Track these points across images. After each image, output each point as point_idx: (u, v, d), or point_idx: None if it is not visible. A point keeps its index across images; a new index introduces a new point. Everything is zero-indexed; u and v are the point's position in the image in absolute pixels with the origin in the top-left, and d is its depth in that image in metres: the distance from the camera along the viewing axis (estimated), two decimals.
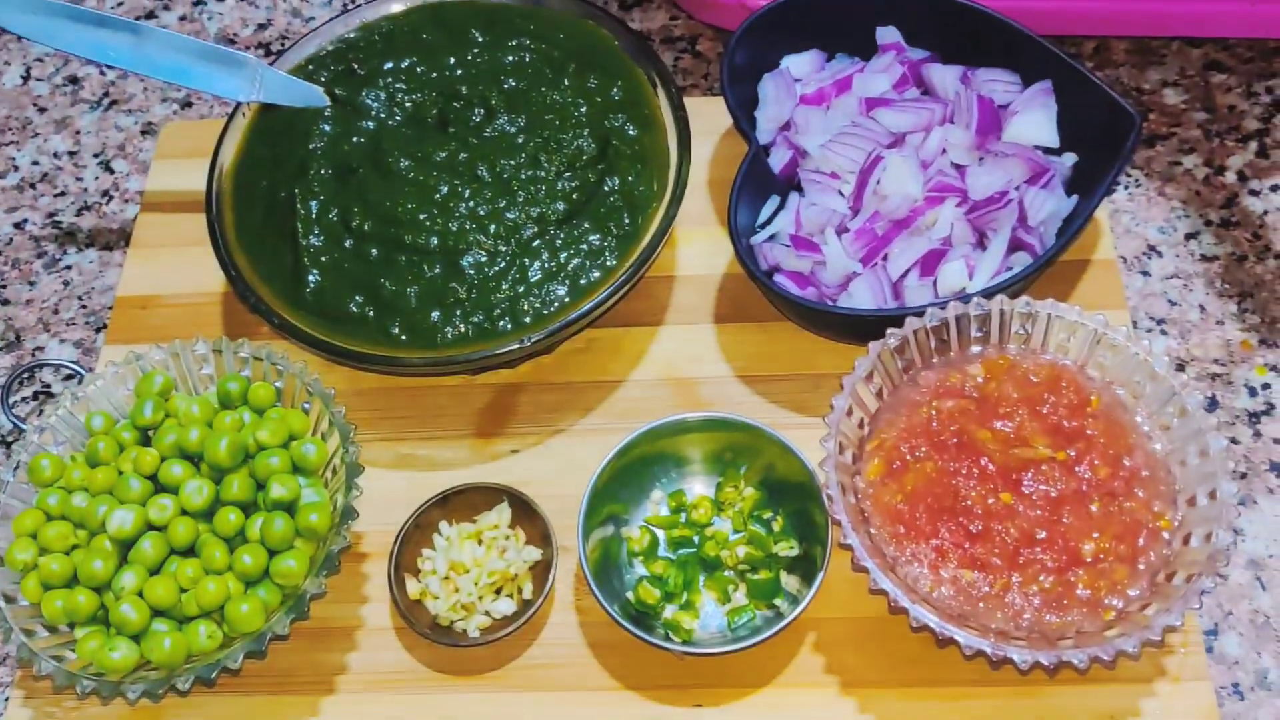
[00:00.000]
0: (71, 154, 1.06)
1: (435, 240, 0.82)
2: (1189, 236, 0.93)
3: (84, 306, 0.98)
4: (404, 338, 0.81)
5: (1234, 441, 0.84)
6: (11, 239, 1.02)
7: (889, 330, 0.76)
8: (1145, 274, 0.92)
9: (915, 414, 0.74)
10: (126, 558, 0.72)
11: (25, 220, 1.03)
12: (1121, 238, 0.93)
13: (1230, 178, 0.95)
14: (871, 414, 0.76)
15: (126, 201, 1.03)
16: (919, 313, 0.76)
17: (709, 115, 0.95)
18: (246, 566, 0.71)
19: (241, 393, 0.78)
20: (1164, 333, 0.89)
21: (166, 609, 0.71)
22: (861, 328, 0.80)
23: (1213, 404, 0.86)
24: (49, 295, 0.99)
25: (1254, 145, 0.97)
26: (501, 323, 0.80)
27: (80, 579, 0.71)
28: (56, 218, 1.03)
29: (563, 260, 0.82)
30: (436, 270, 0.82)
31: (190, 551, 0.73)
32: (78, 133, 1.07)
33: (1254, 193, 0.95)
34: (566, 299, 0.81)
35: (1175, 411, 0.74)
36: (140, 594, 0.71)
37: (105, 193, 1.04)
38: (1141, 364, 0.75)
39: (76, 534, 0.74)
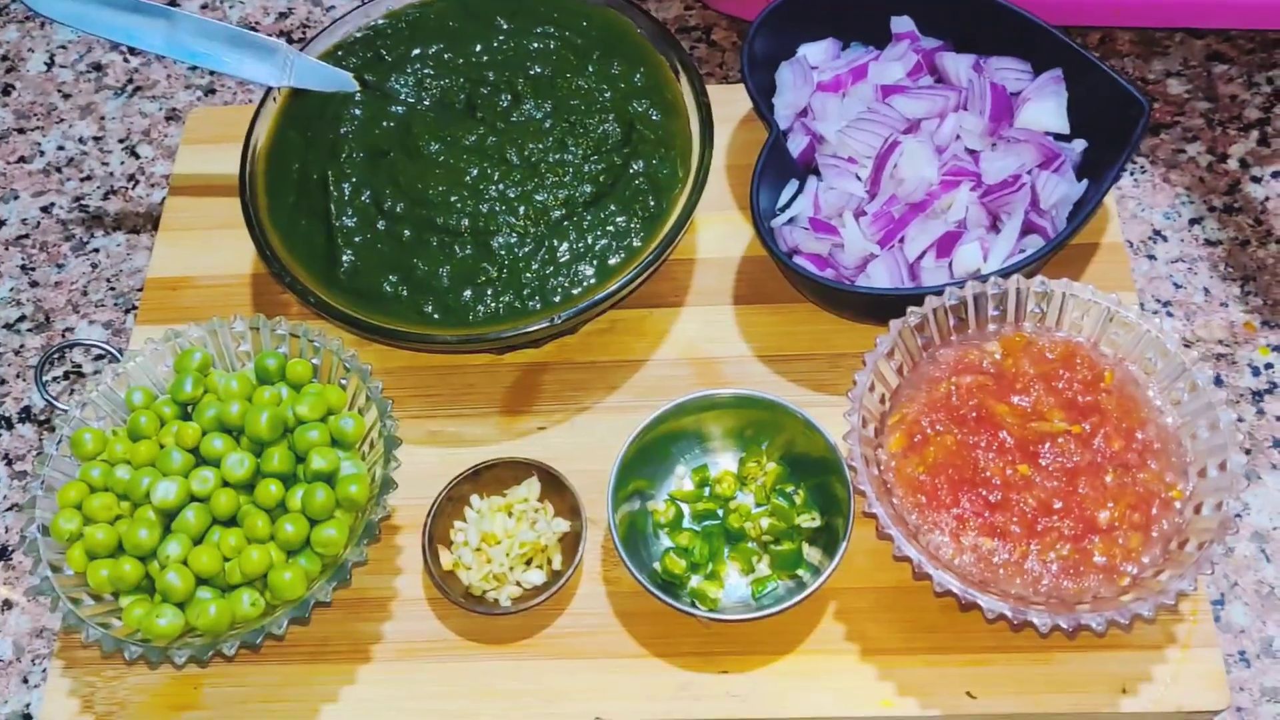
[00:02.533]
0: (97, 139, 1.08)
1: (466, 221, 0.85)
2: (1193, 222, 0.96)
3: (112, 288, 1.00)
4: (437, 316, 0.83)
5: (1239, 420, 0.87)
6: (39, 223, 1.04)
7: (909, 309, 0.78)
8: (1151, 258, 0.95)
9: (935, 389, 0.77)
10: (170, 528, 0.74)
11: (52, 204, 1.05)
12: (1128, 223, 0.96)
13: (1233, 165, 0.98)
14: (892, 390, 0.78)
15: (153, 186, 1.05)
16: (938, 292, 0.79)
17: (726, 103, 0.97)
18: (289, 535, 0.74)
19: (279, 369, 0.80)
20: (1170, 315, 0.92)
21: (210, 577, 0.73)
22: (881, 307, 0.83)
23: (1218, 383, 0.89)
24: (77, 277, 1.01)
25: (1255, 134, 0.99)
26: (531, 302, 0.83)
27: (125, 548, 0.73)
28: (83, 202, 1.05)
29: (590, 241, 0.85)
30: (468, 251, 0.84)
31: (232, 522, 0.75)
32: (102, 118, 1.09)
33: (1255, 179, 0.97)
34: (594, 279, 0.84)
35: (1186, 387, 0.77)
36: (185, 562, 0.73)
37: (131, 177, 1.06)
38: (1153, 341, 0.78)
39: (120, 505, 0.75)
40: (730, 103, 0.98)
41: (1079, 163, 0.90)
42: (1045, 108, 0.89)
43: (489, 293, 0.83)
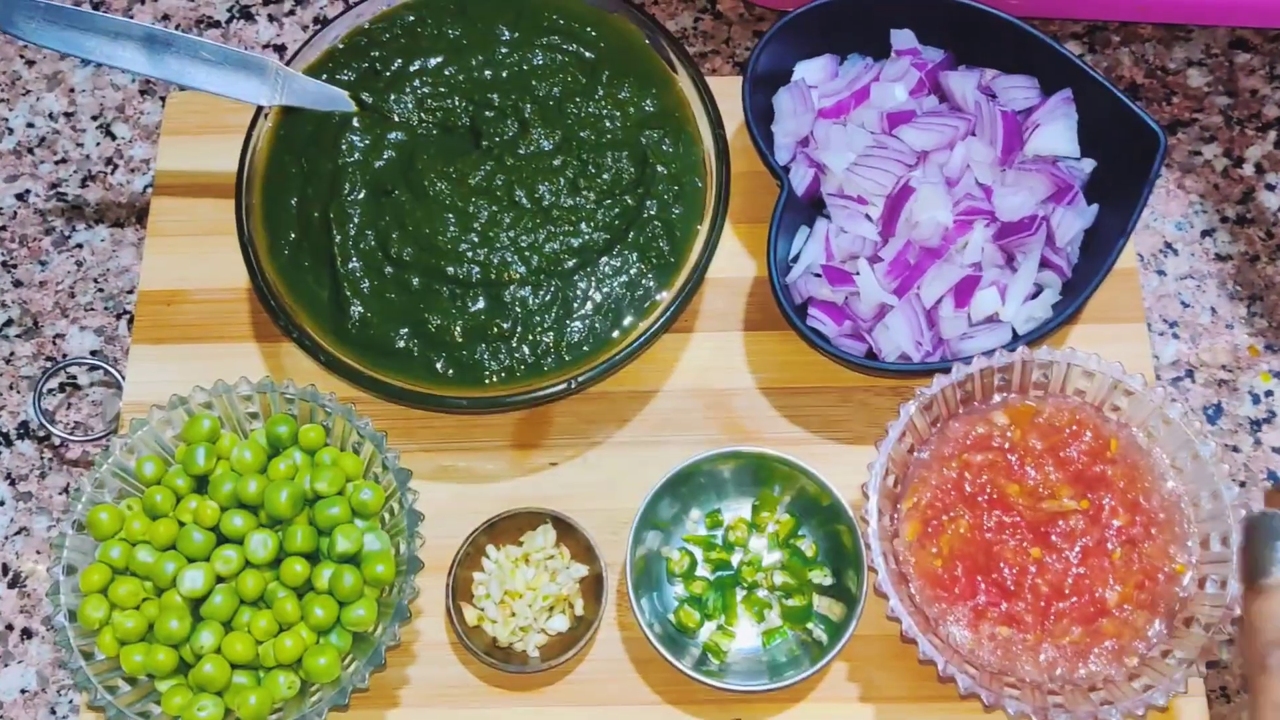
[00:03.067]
0: (68, 115, 1.02)
1: (477, 271, 0.82)
2: (1205, 234, 0.95)
3: (101, 290, 0.97)
4: (450, 373, 0.81)
5: (1235, 450, 0.89)
6: (16, 212, 0.99)
7: (918, 389, 0.78)
8: (1161, 273, 0.94)
9: (946, 468, 0.77)
10: (198, 612, 0.75)
11: (28, 191, 1.00)
12: (1140, 233, 0.95)
13: (1248, 170, 0.97)
14: (904, 472, 0.79)
15: (133, 171, 1.00)
16: (945, 369, 0.78)
17: (730, 95, 0.93)
18: (319, 619, 0.74)
19: (291, 435, 0.79)
20: (1175, 336, 0.92)
21: (246, 663, 0.74)
22: (896, 375, 0.84)
23: (1218, 411, 0.90)
24: (62, 276, 0.97)
25: (1273, 135, 0.97)
26: (546, 361, 0.81)
27: (158, 637, 0.74)
28: (60, 189, 1.00)
29: (606, 292, 0.83)
30: (480, 304, 0.82)
31: (259, 600, 0.76)
32: (72, 90, 1.03)
33: (1270, 187, 0.96)
34: (608, 335, 0.82)
35: (1189, 456, 0.78)
36: (218, 649, 0.74)
37: (109, 160, 1.01)
38: (1157, 410, 0.78)
39: (145, 586, 0.76)
40: (734, 96, 0.93)
41: (1086, 181, 0.88)
42: (1056, 132, 0.87)
43: (502, 350, 0.81)
